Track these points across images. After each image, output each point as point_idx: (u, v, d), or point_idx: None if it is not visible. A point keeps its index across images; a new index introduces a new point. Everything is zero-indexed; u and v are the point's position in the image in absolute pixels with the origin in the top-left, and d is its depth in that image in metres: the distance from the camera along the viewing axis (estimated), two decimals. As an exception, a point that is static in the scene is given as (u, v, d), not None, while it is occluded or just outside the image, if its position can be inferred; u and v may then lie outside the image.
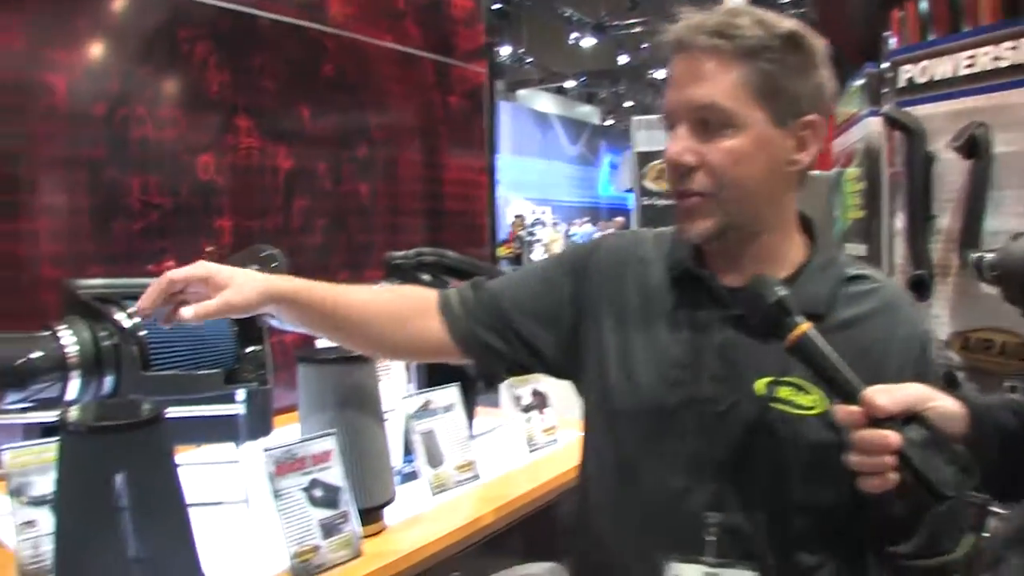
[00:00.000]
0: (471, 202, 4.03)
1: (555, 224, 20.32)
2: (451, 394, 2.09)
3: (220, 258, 2.65)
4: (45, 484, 1.57)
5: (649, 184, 8.85)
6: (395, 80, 3.56)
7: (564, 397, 2.18)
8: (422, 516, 1.93)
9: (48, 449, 1.58)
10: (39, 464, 1.58)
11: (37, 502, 1.57)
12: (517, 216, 17.90)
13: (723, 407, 1.32)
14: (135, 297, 1.82)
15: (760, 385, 1.30)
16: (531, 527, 2.12)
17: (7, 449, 1.58)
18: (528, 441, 2.36)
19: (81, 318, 1.81)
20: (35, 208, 2.37)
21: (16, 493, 1.55)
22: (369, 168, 3.43)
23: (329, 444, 1.64)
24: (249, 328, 1.98)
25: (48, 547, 1.53)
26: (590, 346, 1.45)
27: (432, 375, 2.19)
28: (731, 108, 1.26)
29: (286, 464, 1.56)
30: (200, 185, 2.77)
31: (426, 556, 1.77)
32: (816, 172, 2.24)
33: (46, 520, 1.55)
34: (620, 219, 19.43)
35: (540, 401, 2.42)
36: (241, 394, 1.76)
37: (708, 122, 1.27)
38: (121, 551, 1.32)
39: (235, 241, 2.82)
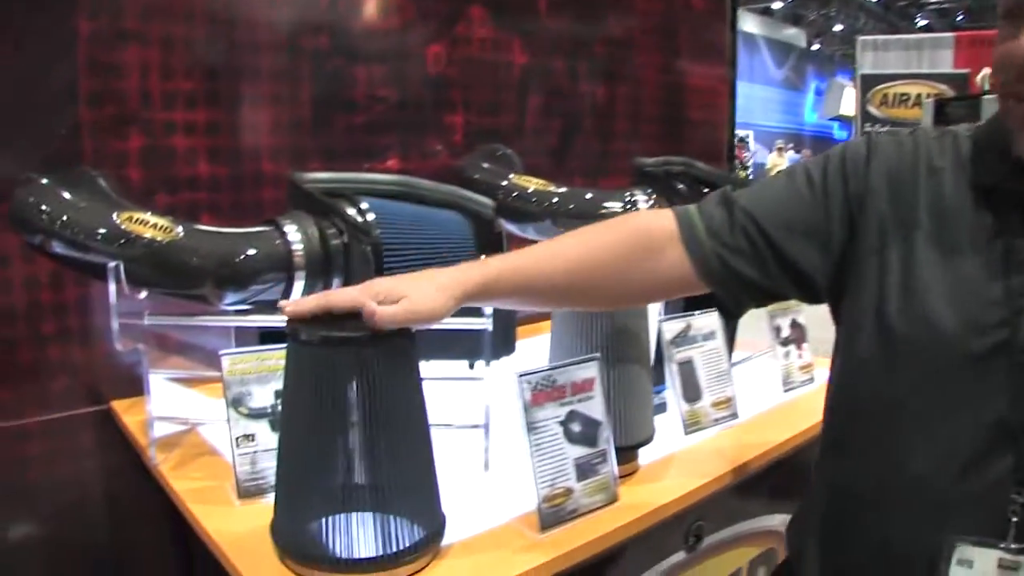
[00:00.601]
0: (713, 112, 3.71)
1: (779, 149, 19.81)
2: (712, 320, 1.83)
3: (449, 158, 2.53)
4: (264, 395, 1.47)
5: (873, 110, 8.43)
6: (634, -25, 3.27)
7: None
8: (675, 457, 1.71)
9: (269, 357, 1.48)
10: (258, 373, 1.48)
11: (256, 414, 1.47)
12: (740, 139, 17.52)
13: None
14: (369, 193, 1.67)
15: None
16: (775, 474, 1.87)
17: (226, 355, 1.46)
18: (784, 379, 2.10)
19: (308, 214, 1.65)
20: (256, 98, 2.24)
21: (235, 403, 1.46)
22: (606, 68, 3.17)
23: (592, 371, 1.40)
24: (487, 233, 1.78)
25: (266, 464, 1.44)
26: (869, 266, 1.19)
27: (689, 296, 1.93)
28: None
29: (543, 392, 1.33)
30: (429, 78, 2.58)
31: (683, 506, 1.55)
32: None
33: (265, 434, 1.46)
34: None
35: (799, 335, 2.15)
36: (488, 308, 1.55)
37: None
38: (352, 476, 1.20)
39: (465, 140, 2.64)
